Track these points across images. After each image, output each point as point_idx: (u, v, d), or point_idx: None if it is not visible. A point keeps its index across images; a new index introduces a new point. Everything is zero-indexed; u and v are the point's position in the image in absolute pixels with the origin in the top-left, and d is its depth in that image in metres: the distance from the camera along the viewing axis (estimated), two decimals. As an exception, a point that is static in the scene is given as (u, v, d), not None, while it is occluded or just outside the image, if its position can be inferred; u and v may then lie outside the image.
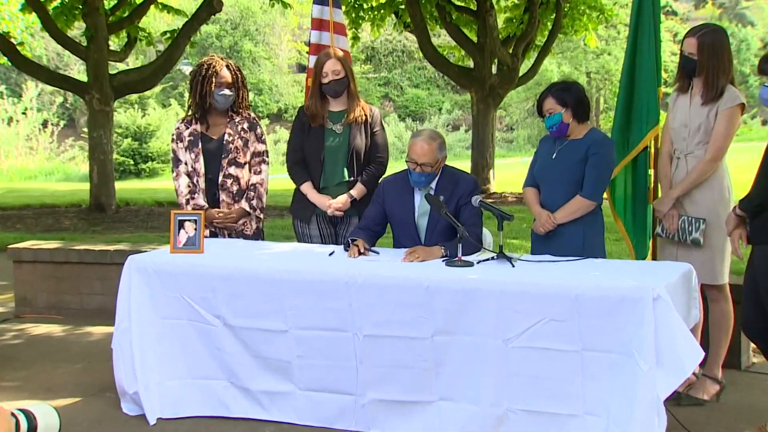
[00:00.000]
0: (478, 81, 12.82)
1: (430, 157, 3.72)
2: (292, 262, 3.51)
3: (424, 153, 3.72)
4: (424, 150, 3.72)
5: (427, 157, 3.72)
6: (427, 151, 3.72)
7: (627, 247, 4.39)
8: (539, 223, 3.80)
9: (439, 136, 3.83)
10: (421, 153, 3.73)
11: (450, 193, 3.78)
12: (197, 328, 3.54)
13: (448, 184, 3.82)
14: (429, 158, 3.72)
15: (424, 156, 3.72)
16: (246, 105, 4.44)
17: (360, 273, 3.28)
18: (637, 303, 2.90)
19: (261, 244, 4.17)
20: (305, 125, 4.28)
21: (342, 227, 4.32)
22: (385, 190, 3.94)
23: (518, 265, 3.34)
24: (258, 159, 4.39)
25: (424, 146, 3.73)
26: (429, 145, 3.74)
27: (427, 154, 3.72)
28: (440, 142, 3.80)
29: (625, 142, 4.34)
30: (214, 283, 3.49)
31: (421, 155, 3.73)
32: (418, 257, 3.48)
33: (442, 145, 3.80)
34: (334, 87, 4.21)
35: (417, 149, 3.74)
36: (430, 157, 3.72)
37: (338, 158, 4.23)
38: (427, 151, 3.72)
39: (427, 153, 3.72)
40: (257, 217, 4.39)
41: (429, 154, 3.72)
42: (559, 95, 3.77)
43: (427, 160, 3.72)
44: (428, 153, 3.72)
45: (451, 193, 3.78)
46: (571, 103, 3.76)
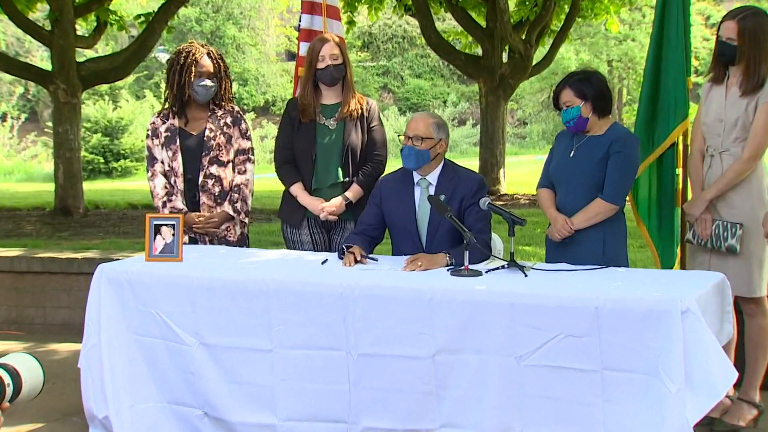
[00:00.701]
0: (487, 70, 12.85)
1: (423, 130, 3.78)
2: (280, 272, 3.51)
3: (416, 125, 3.80)
4: (418, 123, 3.80)
5: (419, 129, 3.78)
6: (421, 124, 3.79)
7: (652, 255, 4.40)
8: (555, 228, 3.81)
9: (436, 116, 3.90)
10: (413, 125, 3.80)
11: (451, 193, 3.79)
12: (170, 349, 3.53)
13: (448, 182, 3.83)
14: (422, 130, 3.78)
15: (417, 128, 3.79)
16: (229, 97, 4.45)
17: (356, 284, 3.29)
18: (664, 317, 2.90)
19: (246, 251, 4.17)
20: (295, 120, 4.30)
21: (336, 233, 4.33)
22: (382, 191, 3.96)
23: (531, 275, 3.34)
24: (242, 157, 4.40)
25: (416, 119, 3.83)
26: (424, 119, 3.82)
27: (420, 127, 3.79)
28: (439, 122, 3.86)
29: (650, 139, 4.35)
30: (193, 295, 3.49)
31: (413, 128, 3.79)
32: (420, 266, 3.49)
33: (442, 127, 3.85)
34: (332, 73, 4.22)
35: (411, 121, 3.84)
36: (423, 130, 3.78)
37: (332, 157, 4.24)
38: (421, 124, 3.80)
39: (420, 125, 3.79)
40: (242, 222, 4.40)
41: (422, 127, 3.79)
42: (577, 86, 3.78)
43: (419, 133, 3.78)
44: (422, 125, 3.79)
45: (453, 192, 3.80)
46: (591, 96, 3.77)
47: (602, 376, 2.99)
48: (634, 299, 2.98)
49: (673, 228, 4.34)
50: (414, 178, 3.90)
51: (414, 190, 3.89)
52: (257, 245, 5.48)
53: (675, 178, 4.32)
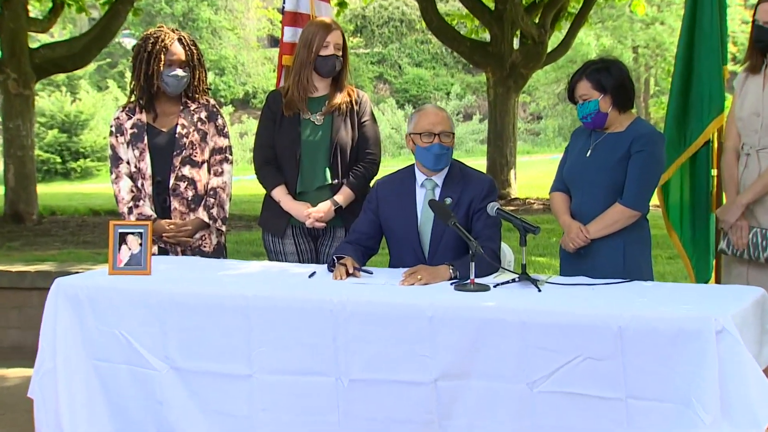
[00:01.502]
0: (496, 58, 12.88)
1: (448, 124, 3.85)
2: (261, 287, 3.51)
3: (439, 118, 3.84)
4: (439, 116, 3.85)
5: (444, 124, 3.84)
6: (443, 116, 3.86)
7: (684, 266, 4.41)
8: (569, 237, 3.83)
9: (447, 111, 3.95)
10: (436, 119, 3.84)
11: (459, 197, 3.80)
12: (136, 375, 3.52)
13: (455, 185, 3.84)
14: (447, 125, 3.84)
15: (441, 122, 3.83)
16: (204, 89, 4.46)
17: (347, 300, 3.29)
18: (697, 338, 2.90)
19: (223, 263, 4.17)
20: (277, 115, 4.30)
21: (324, 242, 4.34)
22: (379, 195, 3.96)
23: (545, 290, 3.35)
24: (219, 157, 4.41)
25: (437, 113, 3.86)
26: (441, 111, 3.88)
27: (444, 120, 3.85)
28: (450, 114, 3.94)
29: (682, 136, 4.37)
30: (162, 314, 3.49)
31: (437, 122, 3.83)
32: (420, 279, 3.49)
33: (452, 119, 3.93)
34: (334, 63, 4.26)
35: (430, 116, 3.85)
36: (448, 124, 3.85)
37: (318, 156, 4.25)
38: (443, 117, 3.85)
39: (442, 117, 3.85)
40: (218, 230, 4.41)
41: (445, 120, 3.85)
42: (595, 77, 3.79)
43: (444, 128, 3.83)
44: (444, 118, 3.85)
45: (461, 196, 3.81)
46: (611, 87, 3.78)
47: (626, 405, 2.98)
48: (662, 317, 2.98)
49: (708, 236, 4.35)
50: (417, 179, 3.91)
51: (416, 193, 3.90)
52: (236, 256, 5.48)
53: (710, 180, 4.33)
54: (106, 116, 22.53)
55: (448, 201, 3.78)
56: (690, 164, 4.37)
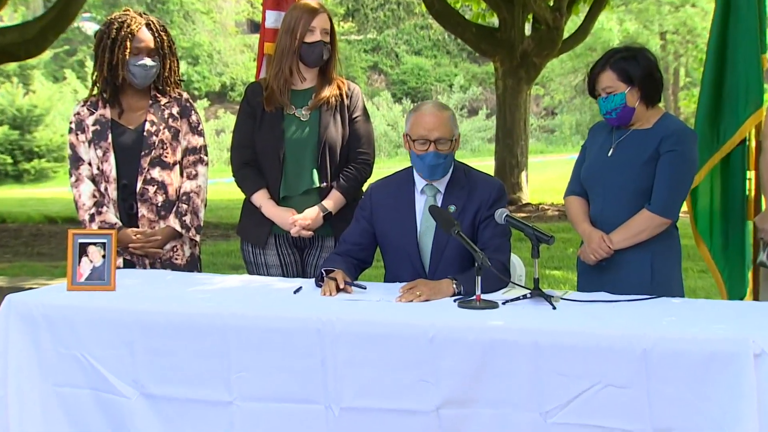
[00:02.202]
0: (505, 45, 12.92)
1: (446, 130, 3.79)
2: (240, 304, 3.52)
3: (437, 123, 3.79)
4: (438, 119, 3.79)
5: (441, 129, 3.78)
6: (442, 121, 3.79)
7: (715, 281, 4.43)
8: (589, 248, 3.84)
9: (450, 108, 3.92)
10: (433, 124, 3.79)
11: (464, 203, 3.82)
12: (102, 402, 3.51)
13: (460, 190, 3.86)
14: (445, 131, 3.79)
15: (438, 127, 3.78)
16: (176, 80, 4.47)
17: (338, 318, 3.29)
18: (732, 362, 2.90)
19: (197, 277, 4.18)
20: (257, 109, 4.32)
21: (311, 253, 4.36)
22: (373, 201, 3.98)
23: (561, 307, 3.36)
24: (193, 158, 4.42)
25: (435, 113, 3.81)
26: (441, 112, 3.82)
27: (442, 125, 3.79)
28: (451, 113, 3.89)
29: (715, 133, 4.38)
30: (130, 334, 3.49)
31: (433, 127, 3.78)
32: (419, 296, 3.50)
33: (455, 118, 3.89)
34: (321, 51, 4.27)
35: (426, 120, 3.80)
36: (446, 130, 3.79)
37: (304, 156, 4.27)
38: (442, 120, 3.79)
39: (441, 123, 3.79)
40: (192, 240, 4.42)
41: (444, 125, 3.79)
42: (620, 67, 3.81)
43: (442, 134, 3.78)
44: (443, 123, 3.79)
45: (466, 203, 3.82)
46: (638, 79, 3.80)
47: (653, 437, 2.99)
48: (692, 339, 2.98)
49: (743, 247, 4.36)
50: (417, 184, 3.93)
51: (415, 199, 3.92)
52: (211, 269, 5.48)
53: (745, 184, 4.34)
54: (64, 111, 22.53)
55: (452, 209, 3.78)
56: (723, 166, 4.38)
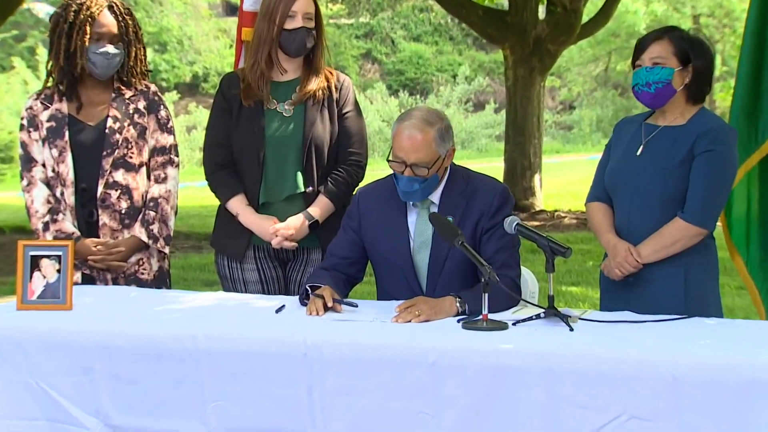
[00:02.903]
0: (517, 30, 12.93)
1: (425, 153, 3.76)
2: (215, 325, 3.52)
3: (414, 145, 3.76)
4: (415, 140, 3.76)
5: (419, 152, 3.76)
6: (420, 143, 3.76)
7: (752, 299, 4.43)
8: (614, 261, 3.85)
9: (440, 119, 3.85)
10: (410, 145, 3.76)
11: (463, 211, 3.83)
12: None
13: (458, 196, 3.86)
14: (423, 154, 3.76)
15: (415, 150, 3.76)
16: (142, 70, 4.48)
17: (325, 341, 3.29)
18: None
19: (166, 295, 4.18)
20: (234, 104, 4.33)
21: (295, 267, 4.37)
22: (362, 207, 3.99)
23: (580, 329, 3.37)
24: (162, 158, 4.43)
25: (414, 135, 3.76)
26: (423, 132, 3.76)
27: (420, 148, 3.76)
28: (441, 127, 3.82)
29: (753, 130, 4.38)
30: (89, 359, 3.48)
31: (410, 149, 3.76)
32: (418, 315, 3.51)
33: (446, 133, 3.83)
34: (303, 38, 4.27)
35: (404, 139, 3.78)
36: (425, 153, 3.76)
37: (287, 157, 4.28)
38: (420, 142, 3.76)
39: (419, 145, 3.76)
40: (160, 252, 4.43)
41: (423, 148, 3.76)
42: (680, 44, 3.82)
43: (420, 158, 3.76)
44: (421, 145, 3.76)
45: (465, 210, 3.83)
46: (695, 65, 3.82)
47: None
48: (729, 365, 2.99)
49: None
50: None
51: (407, 210, 3.92)
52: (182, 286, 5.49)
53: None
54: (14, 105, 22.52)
55: (450, 219, 3.78)
56: (761, 167, 4.38)
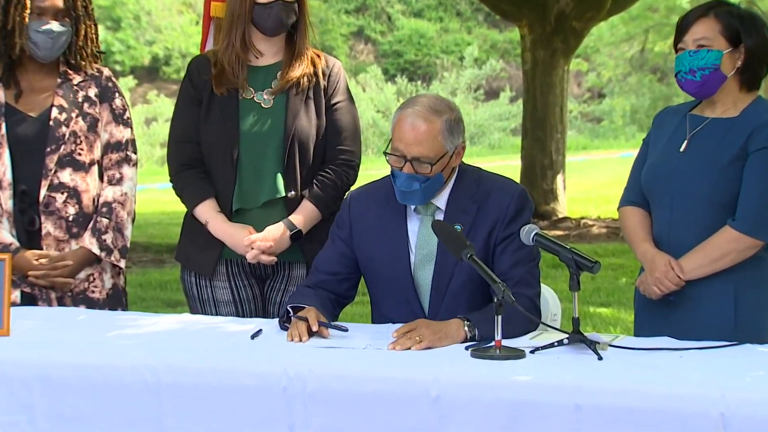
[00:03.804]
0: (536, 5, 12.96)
1: (429, 146, 3.77)
2: (179, 354, 3.52)
3: (417, 137, 3.77)
4: (419, 131, 3.77)
5: (422, 145, 3.77)
6: (424, 134, 3.77)
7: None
8: (652, 276, 3.85)
9: (450, 109, 3.86)
10: (412, 137, 3.77)
11: (474, 218, 3.84)
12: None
13: (468, 201, 3.87)
14: (427, 147, 3.77)
15: (418, 142, 3.77)
16: (93, 52, 4.49)
17: (309, 372, 3.29)
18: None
19: (121, 318, 4.18)
20: (203, 92, 4.34)
21: (275, 286, 4.39)
22: (354, 214, 4.00)
23: (610, 357, 3.37)
24: (116, 156, 4.44)
25: (417, 125, 3.78)
26: (428, 122, 3.78)
27: (424, 140, 3.77)
28: (451, 119, 3.83)
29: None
30: (29, 393, 3.47)
31: (412, 141, 3.77)
32: (420, 341, 3.51)
33: (455, 125, 3.85)
34: (279, 14, 4.28)
35: (405, 129, 3.79)
36: (429, 146, 3.77)
37: (266, 155, 4.29)
38: (424, 133, 3.77)
39: (423, 136, 3.77)
40: (114, 267, 4.43)
41: (427, 140, 3.77)
42: (728, 21, 3.81)
43: (422, 151, 3.77)
44: (425, 136, 3.77)
45: (477, 217, 3.84)
46: (747, 45, 3.81)
47: None
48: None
49: None
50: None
51: (407, 217, 3.93)
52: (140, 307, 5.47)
53: None
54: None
55: (457, 229, 3.79)
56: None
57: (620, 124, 28.64)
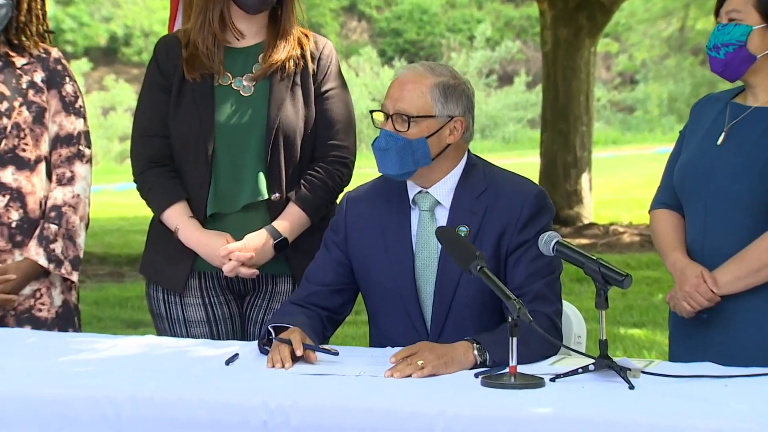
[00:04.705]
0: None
1: (412, 100, 3.84)
2: (142, 383, 3.53)
3: (402, 90, 3.86)
4: (404, 83, 3.87)
5: (405, 100, 3.84)
6: (409, 86, 3.86)
7: None
8: (682, 290, 3.86)
9: (452, 76, 3.93)
10: (397, 90, 3.87)
11: (481, 221, 3.86)
12: None
13: (473, 200, 3.89)
14: (408, 101, 3.84)
15: (401, 97, 3.85)
16: (39, 30, 4.51)
17: (293, 404, 3.30)
18: None
19: (75, 340, 4.17)
20: (172, 78, 4.36)
21: (256, 303, 4.41)
22: (351, 217, 4.02)
23: (642, 386, 3.37)
24: (67, 151, 4.45)
25: (405, 77, 3.88)
26: (418, 76, 3.87)
27: (408, 93, 3.85)
28: (448, 82, 3.89)
29: None
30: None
31: (396, 96, 3.86)
32: (421, 368, 3.52)
33: (452, 91, 3.89)
34: None
35: (393, 85, 3.89)
36: (412, 100, 3.84)
37: (245, 151, 4.31)
38: (409, 84, 3.86)
39: (407, 88, 3.85)
40: (65, 281, 4.44)
41: (411, 93, 3.85)
42: None
43: (403, 106, 3.83)
44: (410, 89, 3.85)
45: (484, 220, 3.86)
46: None
47: None
48: None
49: None
50: (409, 192, 3.97)
51: (411, 218, 3.95)
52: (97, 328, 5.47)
53: None
54: None
55: (462, 232, 3.81)
56: None
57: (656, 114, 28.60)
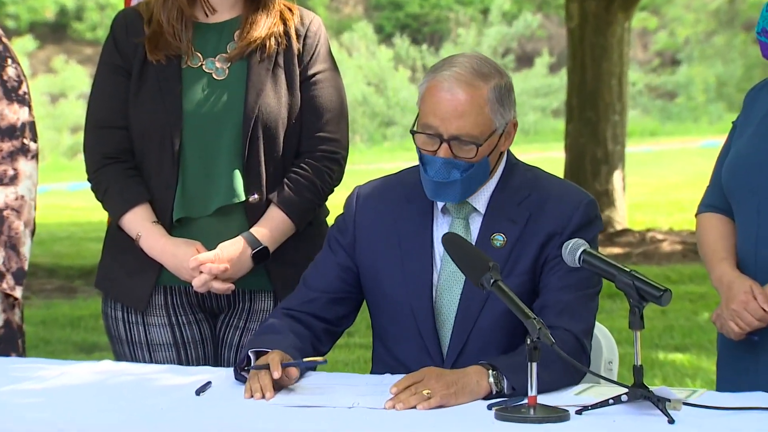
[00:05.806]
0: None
1: (475, 120, 3.84)
2: (98, 417, 3.55)
3: (458, 108, 3.83)
4: (459, 101, 3.83)
5: (465, 118, 3.83)
6: (467, 104, 3.83)
7: None
8: (728, 308, 3.90)
9: (499, 72, 3.91)
10: (451, 109, 3.83)
11: (523, 230, 3.89)
12: None
13: (516, 206, 3.93)
14: (471, 122, 3.83)
15: (459, 115, 3.83)
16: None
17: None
18: None
19: (18, 366, 4.19)
20: (132, 60, 4.39)
21: (231, 322, 4.44)
22: (362, 215, 4.04)
23: (684, 420, 3.39)
24: (9, 144, 4.49)
25: (457, 92, 3.84)
26: (472, 88, 3.84)
27: (467, 112, 3.83)
28: (501, 84, 3.89)
29: None
30: None
31: (450, 114, 3.83)
32: (427, 398, 3.53)
33: (506, 94, 3.91)
34: None
35: (442, 99, 3.84)
36: (475, 120, 3.84)
37: (219, 145, 4.35)
38: (466, 103, 3.83)
39: (465, 107, 3.83)
40: (7, 297, 4.47)
41: (471, 112, 3.83)
42: None
43: (465, 127, 3.83)
44: (469, 107, 3.83)
45: (527, 229, 3.89)
46: None
47: None
48: None
49: None
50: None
51: (433, 223, 3.99)
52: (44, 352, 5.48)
53: None
54: None
55: (498, 242, 3.85)
56: None
57: (701, 101, 28.54)
